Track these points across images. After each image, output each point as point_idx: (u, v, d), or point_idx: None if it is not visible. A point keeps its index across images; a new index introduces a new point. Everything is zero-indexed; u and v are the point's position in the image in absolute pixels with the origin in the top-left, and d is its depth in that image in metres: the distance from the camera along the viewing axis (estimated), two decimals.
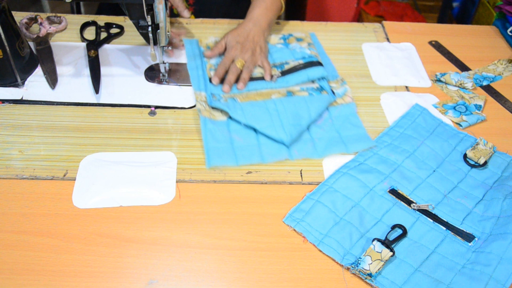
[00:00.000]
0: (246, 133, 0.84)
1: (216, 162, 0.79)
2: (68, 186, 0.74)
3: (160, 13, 0.81)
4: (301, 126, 0.84)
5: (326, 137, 0.84)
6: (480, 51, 1.09)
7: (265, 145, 0.82)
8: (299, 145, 0.83)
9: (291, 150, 0.81)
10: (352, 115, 0.88)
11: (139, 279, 0.64)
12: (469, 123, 0.89)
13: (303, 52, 1.00)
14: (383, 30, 1.14)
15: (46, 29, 1.01)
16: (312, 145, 0.83)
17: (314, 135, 0.84)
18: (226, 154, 0.80)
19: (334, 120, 0.87)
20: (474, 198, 0.76)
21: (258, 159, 0.80)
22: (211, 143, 0.81)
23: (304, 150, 0.82)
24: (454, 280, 0.65)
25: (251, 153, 0.81)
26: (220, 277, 0.65)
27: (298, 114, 0.85)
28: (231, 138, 0.83)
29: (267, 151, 0.81)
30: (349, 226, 0.70)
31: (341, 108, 0.90)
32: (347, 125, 0.86)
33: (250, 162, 0.79)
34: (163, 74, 0.94)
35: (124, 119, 0.86)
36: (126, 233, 0.69)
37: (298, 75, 0.94)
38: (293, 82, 0.93)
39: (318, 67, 0.95)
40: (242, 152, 0.80)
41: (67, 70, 0.95)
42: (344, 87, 0.93)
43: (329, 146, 0.82)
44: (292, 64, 0.97)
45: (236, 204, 0.73)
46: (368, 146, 0.82)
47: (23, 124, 0.84)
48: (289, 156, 0.81)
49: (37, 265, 0.64)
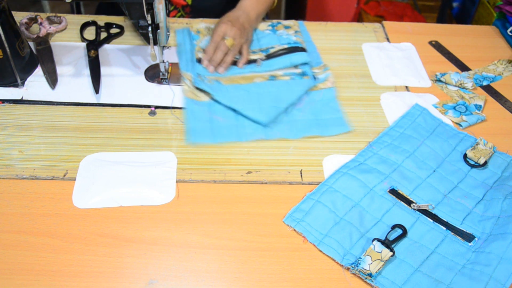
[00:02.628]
0: (226, 114, 0.87)
1: (195, 140, 0.82)
2: (68, 186, 0.74)
3: (160, 13, 0.81)
4: (279, 108, 0.87)
5: (303, 120, 0.87)
6: (480, 51, 1.09)
7: (243, 125, 0.86)
8: (277, 125, 0.86)
9: (268, 130, 0.85)
10: (332, 100, 0.91)
11: (139, 279, 0.64)
12: (469, 123, 0.89)
13: (289, 38, 1.03)
14: (383, 30, 1.14)
15: (46, 29, 1.01)
16: (289, 126, 0.86)
17: (292, 117, 0.88)
18: (205, 133, 0.84)
19: (314, 104, 0.91)
20: (474, 198, 0.76)
21: (235, 137, 0.83)
22: (192, 122, 0.85)
23: (280, 130, 0.85)
24: (454, 280, 0.65)
25: (229, 132, 0.84)
26: (220, 277, 0.65)
27: (278, 97, 0.89)
28: (212, 118, 0.86)
29: (244, 131, 0.84)
30: (349, 226, 0.70)
31: (321, 93, 0.93)
32: (326, 109, 0.90)
33: (228, 140, 0.83)
34: (163, 73, 0.94)
35: (124, 119, 0.86)
36: (126, 233, 0.69)
37: (281, 60, 0.97)
38: (277, 66, 0.97)
39: (302, 53, 0.98)
40: (220, 131, 0.84)
41: (67, 70, 0.95)
42: (326, 72, 0.96)
43: (305, 128, 0.86)
44: (277, 48, 1.00)
45: (236, 204, 0.73)
46: (343, 131, 0.86)
47: (23, 124, 0.84)
48: (265, 136, 0.84)
49: (37, 265, 0.64)
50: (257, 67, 0.97)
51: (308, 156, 0.82)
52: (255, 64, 0.97)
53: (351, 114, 0.90)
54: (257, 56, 0.99)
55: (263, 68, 0.96)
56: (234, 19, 0.98)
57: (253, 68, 0.97)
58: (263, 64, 0.97)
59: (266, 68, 0.96)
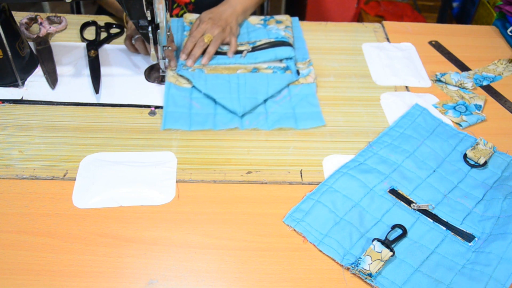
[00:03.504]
0: (205, 102, 0.89)
1: (170, 125, 0.84)
2: (68, 186, 0.74)
3: (160, 13, 0.81)
4: (256, 100, 0.89)
5: (279, 112, 0.89)
6: (480, 51, 1.09)
7: (219, 115, 0.87)
8: (252, 116, 0.87)
9: (243, 120, 0.87)
10: (311, 95, 0.92)
11: (139, 279, 0.64)
12: (469, 123, 0.89)
13: (278, 33, 1.04)
14: (383, 30, 1.14)
15: (46, 29, 1.01)
16: (264, 118, 0.87)
17: (269, 109, 0.89)
18: (182, 119, 0.85)
19: (292, 98, 0.92)
20: (474, 198, 0.76)
21: (210, 125, 0.85)
22: (170, 107, 0.87)
23: (255, 121, 0.87)
24: (454, 280, 0.65)
25: (205, 120, 0.86)
26: (220, 277, 0.65)
27: (256, 89, 0.90)
28: (191, 105, 0.88)
29: (220, 120, 0.86)
30: (349, 226, 0.70)
31: (301, 87, 0.94)
32: (303, 103, 0.91)
33: (202, 128, 0.84)
34: (162, 70, 0.94)
35: (124, 119, 0.86)
36: (126, 233, 0.69)
37: (266, 53, 0.99)
38: (261, 59, 0.98)
39: (287, 47, 0.99)
40: (197, 118, 0.86)
41: (67, 70, 0.95)
42: (309, 68, 0.98)
43: (280, 120, 0.87)
44: (263, 41, 1.01)
45: (236, 204, 0.73)
46: (317, 125, 0.86)
47: (23, 124, 0.84)
48: (239, 126, 0.85)
49: (37, 265, 0.64)
50: (242, 58, 0.98)
51: (308, 156, 0.82)
52: (240, 55, 0.98)
53: (351, 114, 0.90)
54: (244, 48, 1.00)
55: (247, 60, 0.98)
56: (217, 16, 1.00)
57: (238, 59, 0.98)
58: (248, 56, 0.98)
59: (250, 60, 0.98)
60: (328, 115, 0.90)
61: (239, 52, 0.99)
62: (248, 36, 1.05)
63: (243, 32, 1.06)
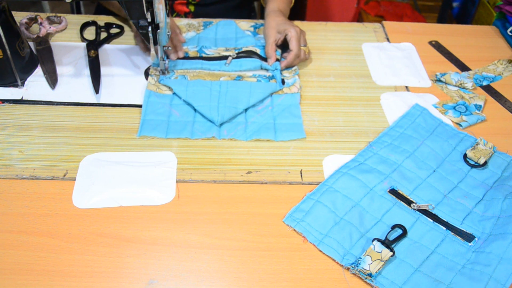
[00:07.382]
0: (185, 109, 0.88)
1: (147, 133, 0.83)
2: (68, 186, 0.74)
3: (160, 13, 0.81)
4: (236, 109, 0.87)
5: (259, 122, 0.87)
6: (480, 51, 1.09)
7: (198, 123, 0.86)
8: (230, 126, 0.86)
9: (221, 130, 0.85)
10: (294, 105, 0.90)
11: (139, 279, 0.64)
12: (469, 123, 0.89)
13: None
14: (383, 30, 1.14)
15: (46, 29, 1.01)
16: (243, 128, 0.85)
17: (249, 118, 0.87)
18: (159, 127, 0.84)
19: (274, 108, 0.90)
20: (474, 198, 0.76)
21: (188, 134, 0.83)
22: (148, 115, 0.85)
23: (233, 131, 0.85)
24: (454, 280, 0.65)
25: (183, 128, 0.84)
26: (220, 277, 0.65)
27: (237, 98, 0.88)
28: (170, 112, 0.87)
29: (197, 128, 0.84)
30: (349, 226, 0.70)
31: (284, 97, 0.92)
32: (285, 114, 0.88)
33: (179, 136, 0.83)
34: (162, 71, 0.94)
35: (124, 119, 0.86)
36: (126, 233, 0.69)
37: (252, 61, 0.97)
38: (246, 67, 0.97)
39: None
40: (174, 126, 0.84)
41: (67, 70, 0.95)
42: (295, 77, 0.96)
43: (258, 131, 0.85)
44: (250, 48, 1.00)
45: (236, 204, 0.73)
46: (296, 137, 0.84)
47: (23, 124, 0.84)
48: (217, 135, 0.83)
49: (37, 265, 0.64)
50: (226, 65, 0.96)
51: (308, 156, 0.82)
52: (225, 61, 0.97)
53: (351, 114, 0.90)
54: (229, 53, 0.99)
55: (232, 68, 0.96)
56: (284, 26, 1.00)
57: (222, 66, 0.96)
58: (232, 63, 0.97)
59: (235, 68, 0.96)
60: (328, 115, 0.90)
61: (225, 58, 0.98)
62: (235, 42, 1.04)
63: (231, 37, 1.05)
